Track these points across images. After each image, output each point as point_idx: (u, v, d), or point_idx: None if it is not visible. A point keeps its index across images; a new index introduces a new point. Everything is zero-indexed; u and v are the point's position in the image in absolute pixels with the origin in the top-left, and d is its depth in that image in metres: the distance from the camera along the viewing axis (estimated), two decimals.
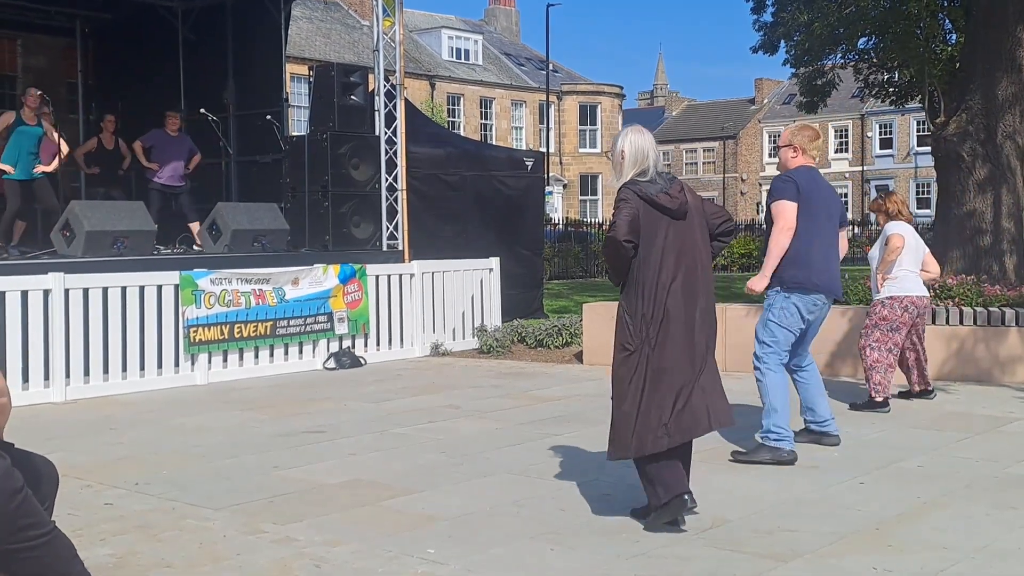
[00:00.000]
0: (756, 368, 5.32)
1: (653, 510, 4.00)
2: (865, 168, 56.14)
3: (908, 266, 6.65)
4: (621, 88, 48.15)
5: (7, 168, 9.44)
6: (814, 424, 5.57)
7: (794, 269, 5.20)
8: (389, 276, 9.92)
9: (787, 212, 5.19)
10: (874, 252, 6.97)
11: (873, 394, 6.63)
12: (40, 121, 9.59)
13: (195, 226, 10.64)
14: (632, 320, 3.95)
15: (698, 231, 4.03)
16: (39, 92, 9.55)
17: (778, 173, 5.41)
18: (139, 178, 11.46)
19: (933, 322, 7.99)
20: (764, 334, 5.30)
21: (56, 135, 9.65)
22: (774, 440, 5.17)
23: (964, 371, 7.82)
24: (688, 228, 3.98)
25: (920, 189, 51.52)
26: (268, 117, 10.97)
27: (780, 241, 5.20)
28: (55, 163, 9.70)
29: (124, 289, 7.92)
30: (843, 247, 5.52)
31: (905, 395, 6.99)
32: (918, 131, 50.28)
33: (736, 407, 6.72)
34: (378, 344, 9.76)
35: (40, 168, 9.58)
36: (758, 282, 5.34)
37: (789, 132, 5.48)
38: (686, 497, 3.92)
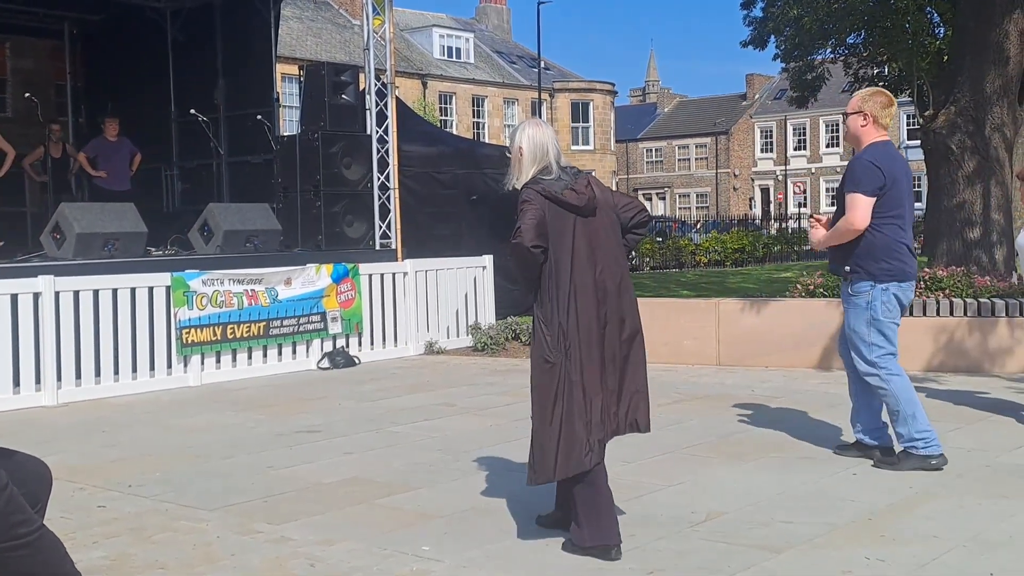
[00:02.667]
0: (873, 375, 4.87)
1: (573, 546, 3.71)
2: None
3: None
4: (613, 85, 48.19)
5: None
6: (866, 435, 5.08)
7: (888, 261, 4.81)
8: (382, 275, 9.91)
9: (862, 209, 4.74)
10: (1022, 241, 6.05)
11: None
12: None
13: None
14: (549, 331, 3.66)
15: (608, 228, 3.75)
16: None
17: (852, 150, 4.94)
18: (89, 183, 11.51)
19: (924, 313, 8.02)
20: (873, 335, 4.87)
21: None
22: (923, 448, 4.83)
23: (955, 362, 7.85)
24: (598, 225, 3.71)
25: None
26: (259, 117, 10.94)
27: (845, 236, 4.81)
28: (5, 168, 9.84)
29: (115, 291, 7.90)
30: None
31: None
32: (908, 124, 50.41)
33: (731, 402, 6.75)
34: (372, 343, 9.75)
35: None
36: (819, 238, 4.98)
37: (859, 98, 4.95)
38: (613, 551, 3.63)
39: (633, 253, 25.15)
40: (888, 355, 4.89)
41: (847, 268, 4.94)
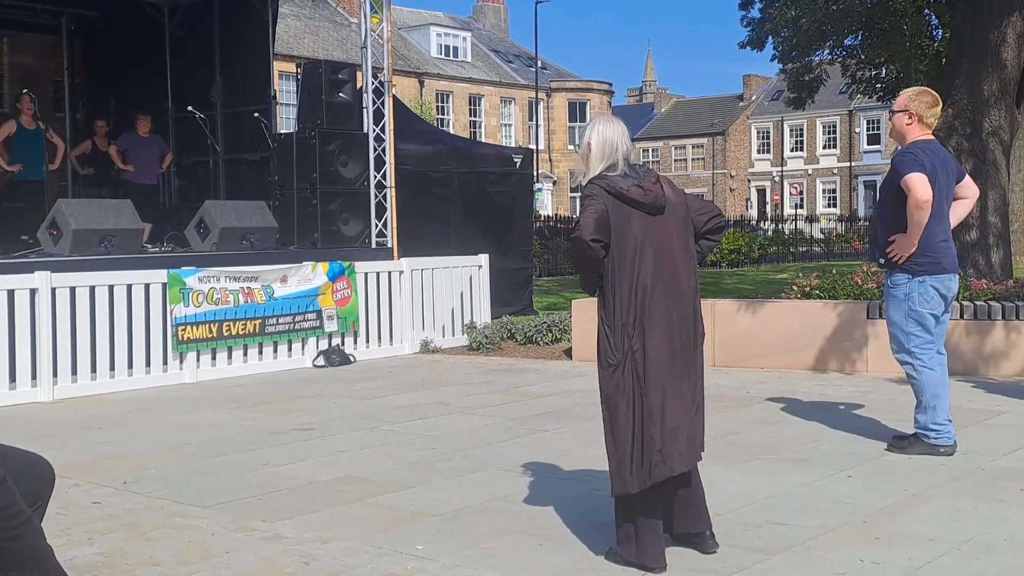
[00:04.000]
0: (907, 364, 5.08)
1: (618, 556, 3.58)
2: (853, 164, 56.33)
3: None
4: (610, 85, 48.32)
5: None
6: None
7: (924, 256, 4.96)
8: (378, 273, 9.91)
9: (921, 185, 4.81)
10: None
11: None
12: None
13: (147, 227, 10.83)
14: (611, 331, 3.51)
15: (678, 229, 3.60)
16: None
17: (897, 146, 5.07)
18: (118, 176, 11.63)
19: None
20: (910, 325, 5.02)
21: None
22: (934, 438, 5.01)
23: (951, 365, 7.72)
24: (666, 225, 3.56)
25: None
26: (256, 115, 10.94)
27: (919, 217, 4.84)
28: (58, 160, 10.50)
29: (111, 288, 7.89)
30: (973, 194, 5.19)
31: None
32: None
33: (725, 403, 6.76)
34: (367, 342, 9.75)
35: None
36: (906, 247, 4.94)
37: (905, 97, 5.11)
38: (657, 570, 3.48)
39: None
40: (927, 344, 5.05)
41: (886, 261, 5.09)
